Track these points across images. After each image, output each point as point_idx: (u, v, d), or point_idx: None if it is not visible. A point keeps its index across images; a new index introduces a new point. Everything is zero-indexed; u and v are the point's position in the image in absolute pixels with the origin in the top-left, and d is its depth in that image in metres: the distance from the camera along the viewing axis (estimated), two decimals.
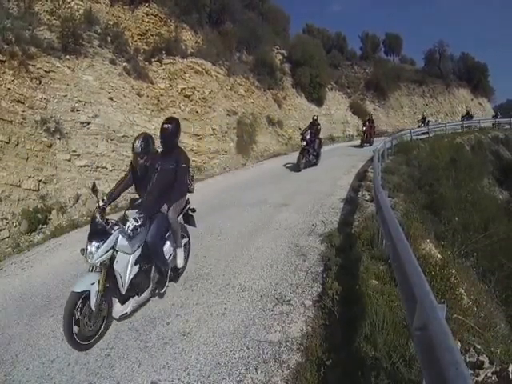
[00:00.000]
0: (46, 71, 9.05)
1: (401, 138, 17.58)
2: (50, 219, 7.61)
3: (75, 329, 3.26)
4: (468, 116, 27.00)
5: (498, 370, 2.85)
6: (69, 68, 9.69)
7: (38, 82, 8.76)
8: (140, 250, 3.80)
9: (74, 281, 4.70)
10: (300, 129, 14.68)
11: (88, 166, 8.97)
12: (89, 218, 7.69)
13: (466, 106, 29.62)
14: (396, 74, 31.66)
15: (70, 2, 11.35)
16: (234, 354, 3.31)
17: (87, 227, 6.98)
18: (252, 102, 16.80)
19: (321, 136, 13.66)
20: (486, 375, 2.84)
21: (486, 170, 17.76)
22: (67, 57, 9.84)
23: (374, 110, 28.65)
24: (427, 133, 20.49)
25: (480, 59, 37.13)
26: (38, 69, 8.88)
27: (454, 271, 4.43)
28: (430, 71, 34.35)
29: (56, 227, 7.37)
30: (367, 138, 19.00)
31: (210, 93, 14.08)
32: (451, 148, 15.83)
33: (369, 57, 34.05)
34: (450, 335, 2.18)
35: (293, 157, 16.20)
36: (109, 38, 11.63)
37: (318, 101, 23.36)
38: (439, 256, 5.16)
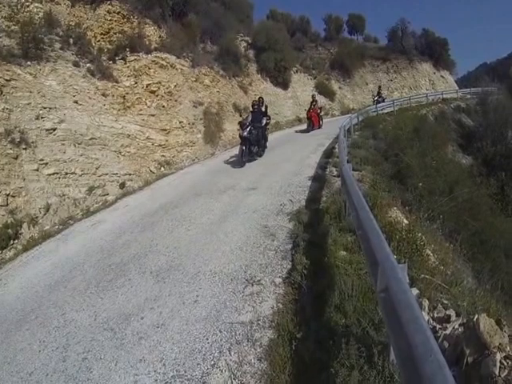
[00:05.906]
0: (6, 80, 8.63)
1: (366, 114, 17.78)
2: (21, 233, 7.40)
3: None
4: (379, 97, 22.38)
5: (464, 321, 2.93)
6: (31, 74, 9.25)
7: None
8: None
9: (47, 291, 4.73)
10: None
11: (57, 173, 8.69)
12: (61, 227, 7.63)
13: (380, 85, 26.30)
14: (360, 53, 31.74)
15: (28, 6, 10.72)
16: (207, 339, 3.32)
17: (59, 236, 6.79)
18: (218, 92, 16.55)
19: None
20: (453, 327, 2.91)
21: (450, 138, 18.32)
22: (28, 63, 9.38)
23: (340, 88, 28.81)
24: (392, 106, 20.78)
25: (441, 35, 37.72)
26: None
27: (420, 234, 4.51)
28: (394, 48, 34.63)
29: (28, 240, 7.16)
30: None
31: (175, 86, 13.78)
32: (415, 119, 16.13)
33: (333, 38, 33.95)
34: (409, 292, 2.21)
35: None
36: (71, 40, 11.13)
37: (284, 84, 23.23)
38: (406, 221, 5.27)
